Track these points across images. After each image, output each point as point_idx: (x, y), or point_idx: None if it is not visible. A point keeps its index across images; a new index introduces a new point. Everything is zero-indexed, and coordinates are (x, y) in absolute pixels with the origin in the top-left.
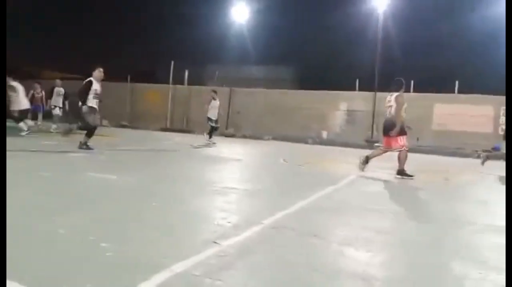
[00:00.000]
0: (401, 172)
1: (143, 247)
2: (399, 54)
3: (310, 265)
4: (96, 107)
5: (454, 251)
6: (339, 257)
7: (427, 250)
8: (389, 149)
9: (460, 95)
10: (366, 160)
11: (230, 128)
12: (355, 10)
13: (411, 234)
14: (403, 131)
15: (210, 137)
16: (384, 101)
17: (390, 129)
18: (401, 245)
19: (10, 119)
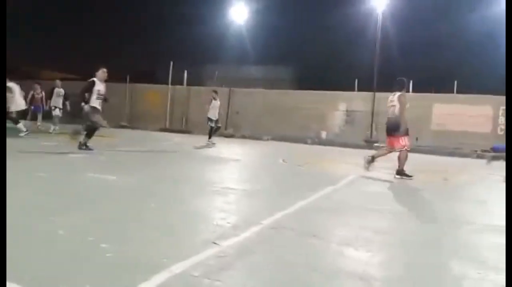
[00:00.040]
0: (401, 172)
1: (143, 248)
2: (398, 54)
3: (310, 265)
4: (99, 108)
5: (453, 251)
6: (339, 257)
7: (426, 250)
8: (393, 150)
9: (459, 95)
10: (372, 160)
11: (229, 129)
12: (354, 10)
13: (410, 234)
14: (406, 131)
15: (210, 138)
16: (386, 101)
17: (394, 129)
18: (401, 245)
19: (9, 120)
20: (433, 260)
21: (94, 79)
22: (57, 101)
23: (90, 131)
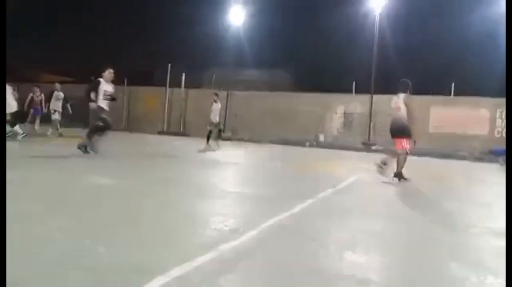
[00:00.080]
0: (398, 175)
1: (141, 252)
2: (396, 56)
3: (308, 269)
4: (107, 108)
5: (452, 254)
6: (338, 261)
7: (426, 253)
8: (398, 151)
9: (456, 98)
10: (385, 162)
11: (227, 132)
12: (352, 12)
13: (409, 237)
14: (410, 134)
15: (208, 142)
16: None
17: (398, 130)
18: (400, 248)
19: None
20: (432, 263)
21: (100, 80)
22: (57, 105)
23: (96, 131)
